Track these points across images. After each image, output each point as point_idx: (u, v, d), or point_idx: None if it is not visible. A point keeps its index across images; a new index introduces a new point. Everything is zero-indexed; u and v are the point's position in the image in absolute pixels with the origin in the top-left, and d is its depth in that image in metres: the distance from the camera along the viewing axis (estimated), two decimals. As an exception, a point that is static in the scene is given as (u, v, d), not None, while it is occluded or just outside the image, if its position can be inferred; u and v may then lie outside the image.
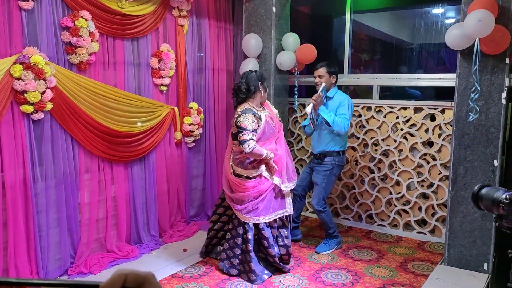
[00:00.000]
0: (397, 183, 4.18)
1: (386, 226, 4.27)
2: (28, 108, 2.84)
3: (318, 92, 3.54)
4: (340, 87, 4.84)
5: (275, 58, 4.26)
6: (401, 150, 4.14)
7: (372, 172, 4.30)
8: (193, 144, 4.25)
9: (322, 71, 3.65)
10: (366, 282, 3.21)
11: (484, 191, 1.17)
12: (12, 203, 2.82)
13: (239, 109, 3.16)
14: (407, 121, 4.07)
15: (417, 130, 4.01)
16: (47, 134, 3.03)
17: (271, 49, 4.25)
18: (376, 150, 4.27)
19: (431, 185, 3.98)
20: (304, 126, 3.84)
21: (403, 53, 5.09)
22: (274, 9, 4.19)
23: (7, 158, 2.78)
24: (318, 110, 3.56)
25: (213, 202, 4.57)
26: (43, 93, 2.88)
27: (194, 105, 4.15)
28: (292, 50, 4.26)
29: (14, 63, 2.72)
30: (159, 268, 3.38)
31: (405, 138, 4.10)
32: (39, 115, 2.93)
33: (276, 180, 3.26)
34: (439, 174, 3.91)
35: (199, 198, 4.50)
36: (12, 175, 2.82)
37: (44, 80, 2.87)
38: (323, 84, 3.58)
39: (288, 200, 3.38)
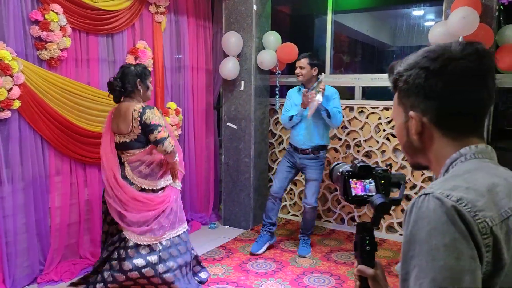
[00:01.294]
0: (380, 184, 4.12)
1: (368, 228, 4.20)
2: (-8, 105, 2.66)
3: (321, 82, 3.45)
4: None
5: (256, 57, 4.16)
6: (383, 151, 4.10)
7: (354, 173, 4.23)
8: (172, 145, 4.10)
9: (304, 62, 3.57)
10: (350, 286, 3.12)
11: (337, 166, 1.20)
12: (-25, 207, 2.64)
13: (136, 107, 2.64)
14: (390, 121, 4.03)
15: (399, 130, 3.96)
16: (15, 134, 2.85)
17: (252, 48, 4.15)
18: (358, 151, 4.22)
19: (413, 186, 3.94)
20: (291, 116, 3.58)
21: (383, 55, 5.08)
22: (254, 7, 4.09)
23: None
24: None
25: (192, 204, 4.45)
26: (10, 90, 2.70)
27: (172, 105, 4.01)
28: (273, 49, 4.18)
29: (-22, 57, 2.55)
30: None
31: (388, 139, 4.06)
32: (6, 114, 2.74)
33: (178, 185, 2.96)
34: (422, 175, 3.87)
35: (177, 201, 4.35)
36: (-25, 178, 2.64)
37: (11, 76, 2.69)
38: (323, 74, 3.55)
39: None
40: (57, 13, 2.95)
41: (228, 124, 4.34)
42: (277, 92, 4.35)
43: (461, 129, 0.88)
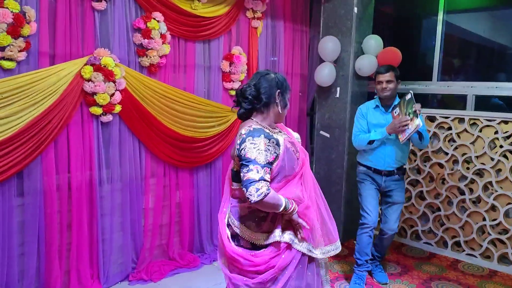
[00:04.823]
0: (493, 208, 3.61)
1: (477, 257, 3.70)
2: (97, 110, 2.81)
3: (413, 101, 2.93)
4: (426, 96, 4.39)
5: (354, 62, 3.91)
6: (499, 170, 3.57)
7: (462, 193, 3.77)
8: (262, 152, 4.04)
9: (390, 75, 3.10)
10: (452, 323, 2.75)
11: None
12: (77, 205, 2.81)
13: (242, 131, 1.92)
14: (508, 137, 3.50)
15: (521, 148, 3.43)
16: (115, 136, 2.99)
17: (350, 53, 3.90)
18: (468, 168, 3.74)
19: (537, 213, 3.38)
20: (372, 141, 3.09)
21: (503, 59, 4.48)
22: (355, 9, 3.84)
23: (75, 159, 2.77)
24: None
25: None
26: (112, 95, 2.84)
27: (264, 111, 3.94)
28: (374, 54, 3.88)
29: (85, 64, 2.71)
30: (218, 282, 3.20)
31: (505, 156, 3.53)
32: (108, 118, 2.89)
33: (304, 246, 1.97)
34: (548, 201, 3.30)
35: (266, 208, 4.28)
36: (78, 177, 2.81)
37: (114, 82, 2.83)
38: (412, 92, 2.99)
39: (326, 279, 2.11)
40: (158, 21, 3.03)
41: (321, 132, 4.14)
42: (375, 100, 4.04)
43: None
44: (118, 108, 2.91)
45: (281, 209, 1.86)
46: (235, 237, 2.01)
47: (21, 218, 2.62)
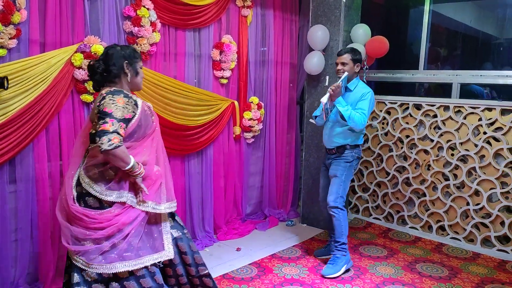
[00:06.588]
0: (476, 193, 3.72)
1: (460, 240, 3.82)
2: (88, 98, 2.83)
3: (338, 82, 3.08)
4: (413, 84, 4.47)
5: (343, 51, 3.96)
6: (482, 156, 3.68)
7: (446, 179, 3.87)
8: (252, 140, 4.10)
9: (346, 57, 3.20)
10: (436, 303, 2.86)
11: None
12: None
13: (103, 91, 2.15)
14: (492, 123, 3.60)
15: (503, 134, 3.53)
16: (106, 124, 3.01)
17: (339, 42, 3.96)
18: (452, 154, 3.84)
19: (517, 197, 3.49)
20: (316, 116, 3.37)
21: (488, 49, 4.57)
22: (344, -2, 3.89)
23: (66, 146, 2.79)
24: (334, 102, 3.13)
25: (270, 200, 4.41)
26: (103, 83, 2.85)
27: (254, 100, 3.99)
28: (362, 43, 3.94)
29: (75, 52, 2.72)
30: (210, 267, 3.23)
31: (489, 143, 3.64)
32: (99, 105, 2.91)
33: (149, 205, 2.21)
34: (529, 186, 3.42)
35: (256, 196, 4.35)
36: (70, 164, 2.83)
37: (105, 70, 2.84)
38: (346, 73, 3.13)
39: (166, 238, 2.28)
40: (148, 9, 3.05)
41: (311, 120, 4.20)
42: (363, 88, 4.11)
43: None
44: (109, 96, 2.93)
45: (128, 167, 2.07)
46: (83, 196, 2.14)
47: (14, 205, 2.65)
